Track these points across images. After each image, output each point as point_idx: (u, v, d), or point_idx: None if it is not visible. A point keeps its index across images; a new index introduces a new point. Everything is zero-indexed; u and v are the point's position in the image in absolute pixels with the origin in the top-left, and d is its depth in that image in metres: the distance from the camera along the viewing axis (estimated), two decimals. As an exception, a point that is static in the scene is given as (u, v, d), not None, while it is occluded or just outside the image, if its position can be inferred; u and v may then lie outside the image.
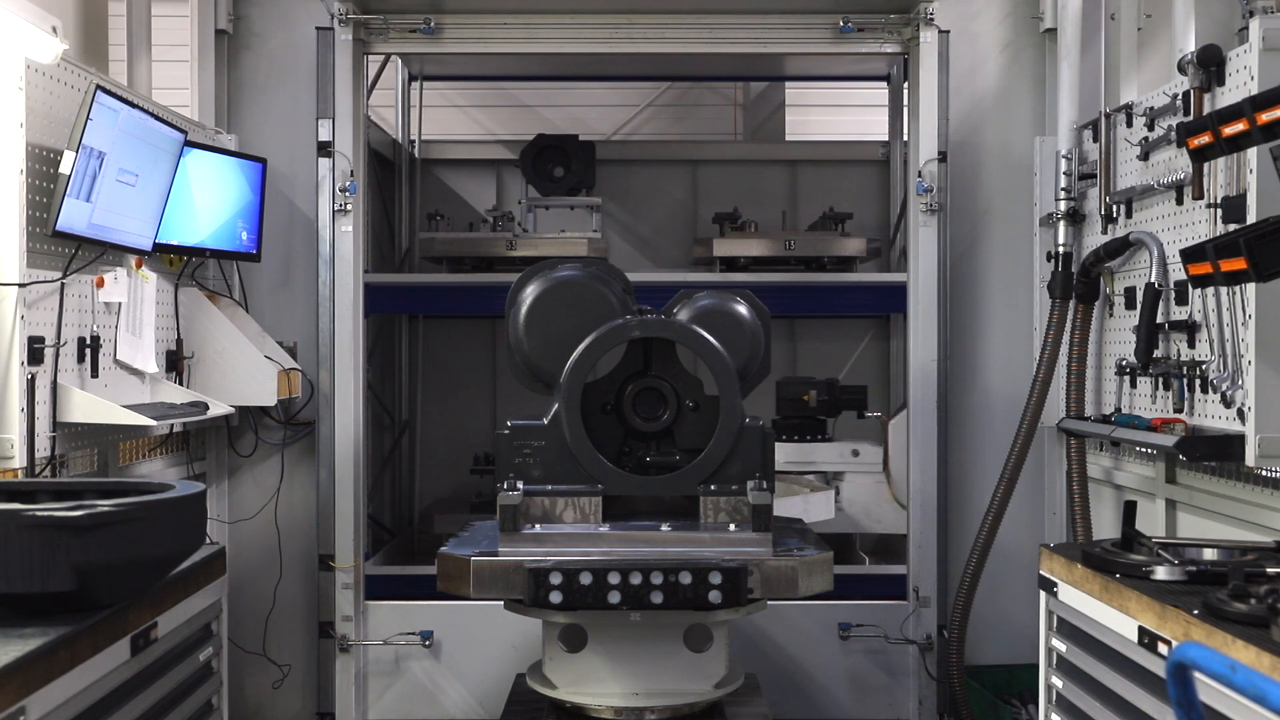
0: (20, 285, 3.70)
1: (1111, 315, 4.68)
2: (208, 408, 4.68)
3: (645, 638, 4.01)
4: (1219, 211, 3.78)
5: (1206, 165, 3.80)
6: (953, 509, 5.41)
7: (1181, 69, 3.98)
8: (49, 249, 3.89)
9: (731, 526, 3.96)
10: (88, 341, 4.11)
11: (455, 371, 7.93)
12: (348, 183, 5.26)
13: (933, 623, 5.29)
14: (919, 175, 5.26)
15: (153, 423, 4.18)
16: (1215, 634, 2.70)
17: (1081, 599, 3.47)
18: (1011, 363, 5.46)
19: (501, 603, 4.02)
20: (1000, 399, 5.44)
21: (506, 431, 4.02)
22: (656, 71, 8.13)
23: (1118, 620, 3.22)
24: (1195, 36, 4.26)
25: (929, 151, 5.26)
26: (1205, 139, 3.28)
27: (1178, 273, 3.96)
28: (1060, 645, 3.65)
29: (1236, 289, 3.63)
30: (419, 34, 5.27)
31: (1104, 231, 4.67)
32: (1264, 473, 3.75)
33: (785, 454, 5.93)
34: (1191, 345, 4.00)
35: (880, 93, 8.04)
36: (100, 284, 4.18)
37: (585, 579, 3.67)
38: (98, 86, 3.87)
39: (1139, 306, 4.27)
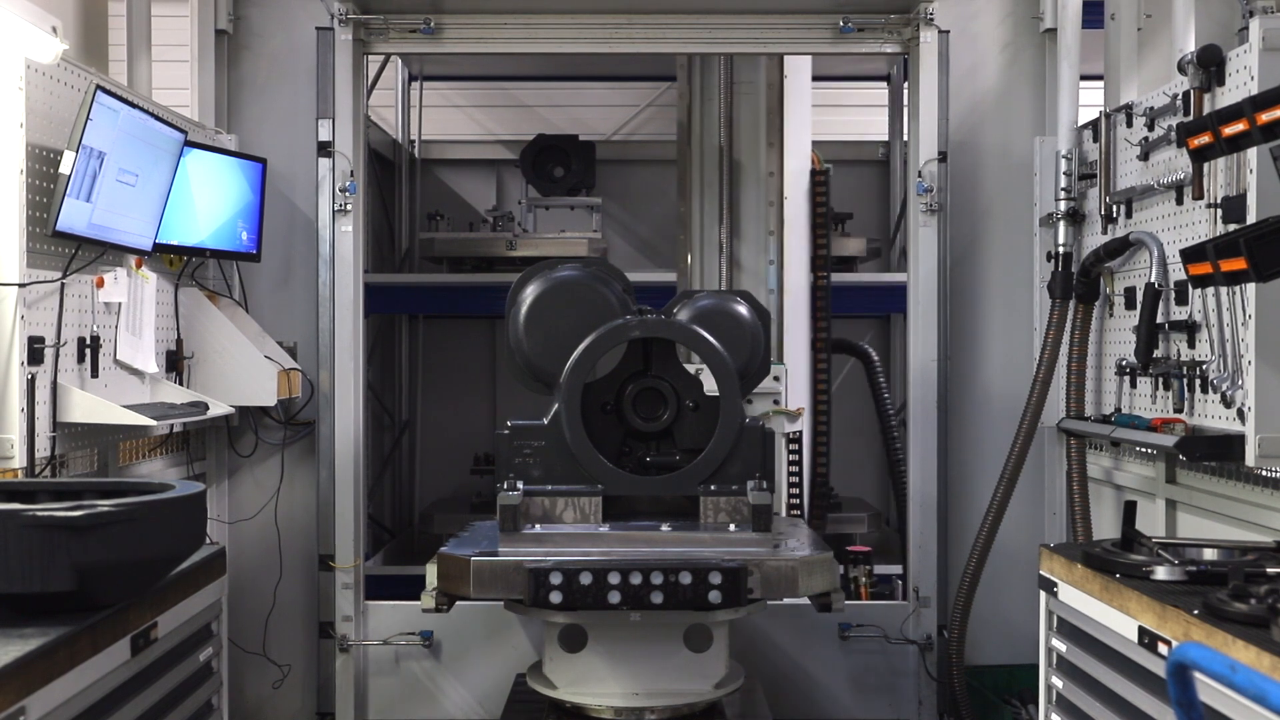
0: (20, 285, 3.69)
1: (1111, 315, 4.68)
2: (208, 408, 4.68)
3: (645, 638, 4.02)
4: (1219, 211, 3.78)
5: (1206, 165, 3.80)
6: (953, 509, 5.41)
7: (1181, 69, 3.98)
8: (49, 249, 3.89)
9: (731, 526, 3.96)
10: (88, 341, 4.11)
11: (455, 371, 7.94)
12: (348, 183, 5.26)
13: (933, 623, 5.29)
14: (919, 175, 5.26)
15: (153, 423, 4.19)
16: (1215, 634, 2.70)
17: (1081, 599, 3.47)
18: (1011, 363, 5.46)
19: (501, 603, 4.02)
20: (1000, 399, 5.44)
21: (506, 431, 4.03)
22: (656, 72, 8.15)
23: (1118, 620, 3.22)
24: (1195, 36, 4.26)
25: (929, 151, 5.26)
26: (1205, 139, 3.28)
27: (1178, 273, 3.96)
28: (1060, 645, 3.65)
29: (1236, 289, 3.63)
30: (419, 34, 5.27)
31: (1104, 231, 4.67)
32: (1264, 473, 3.74)
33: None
34: (1191, 345, 4.00)
35: (880, 93, 8.06)
36: (100, 284, 4.18)
37: (585, 579, 3.67)
38: (98, 86, 3.87)
39: (1139, 306, 4.27)
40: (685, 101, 5.81)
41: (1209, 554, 3.45)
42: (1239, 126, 3.13)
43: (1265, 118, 3.04)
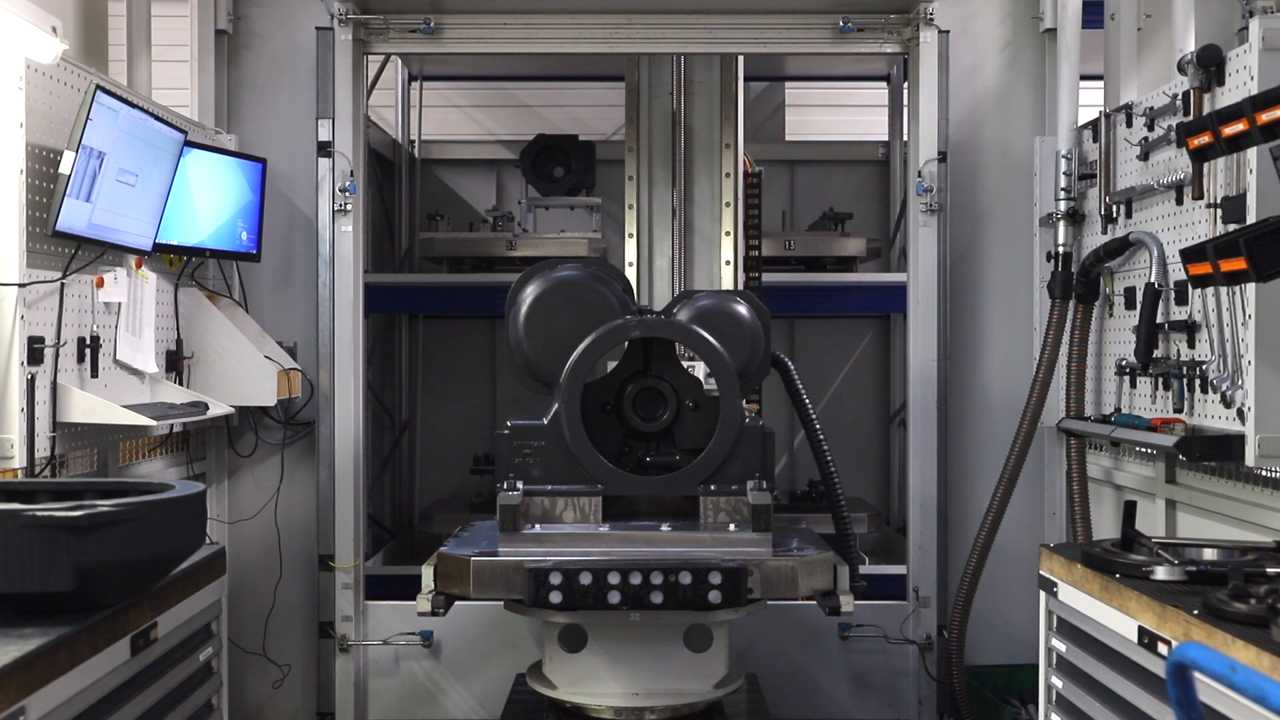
0: (20, 285, 3.69)
1: (1111, 315, 4.68)
2: (208, 408, 4.68)
3: (645, 638, 4.02)
4: (1219, 211, 3.78)
5: (1206, 165, 3.80)
6: (953, 509, 5.41)
7: (1181, 69, 3.98)
8: (49, 249, 3.89)
9: (731, 526, 3.96)
10: (88, 341, 4.11)
11: (455, 371, 7.93)
12: (348, 183, 5.26)
13: (933, 623, 5.29)
14: (919, 175, 5.26)
15: (153, 423, 4.18)
16: (1215, 634, 2.70)
17: (1081, 599, 3.47)
18: (1011, 363, 5.46)
19: (501, 603, 4.02)
20: (1000, 399, 5.44)
21: (506, 431, 4.03)
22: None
23: (1118, 620, 3.22)
24: (1195, 36, 4.26)
25: (929, 151, 5.26)
26: (1205, 139, 3.28)
27: (1178, 273, 3.96)
28: (1060, 645, 3.65)
29: (1236, 289, 3.63)
30: (419, 34, 5.27)
31: (1104, 231, 4.67)
32: (1264, 473, 3.74)
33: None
34: (1191, 345, 4.00)
35: (880, 93, 8.05)
36: (100, 284, 4.18)
37: (585, 579, 3.67)
38: (98, 86, 3.87)
39: (1139, 306, 4.27)
40: (634, 99, 5.82)
41: (1209, 554, 3.45)
42: (1239, 126, 3.13)
43: (1265, 118, 3.04)
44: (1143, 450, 4.52)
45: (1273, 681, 1.58)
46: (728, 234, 5.70)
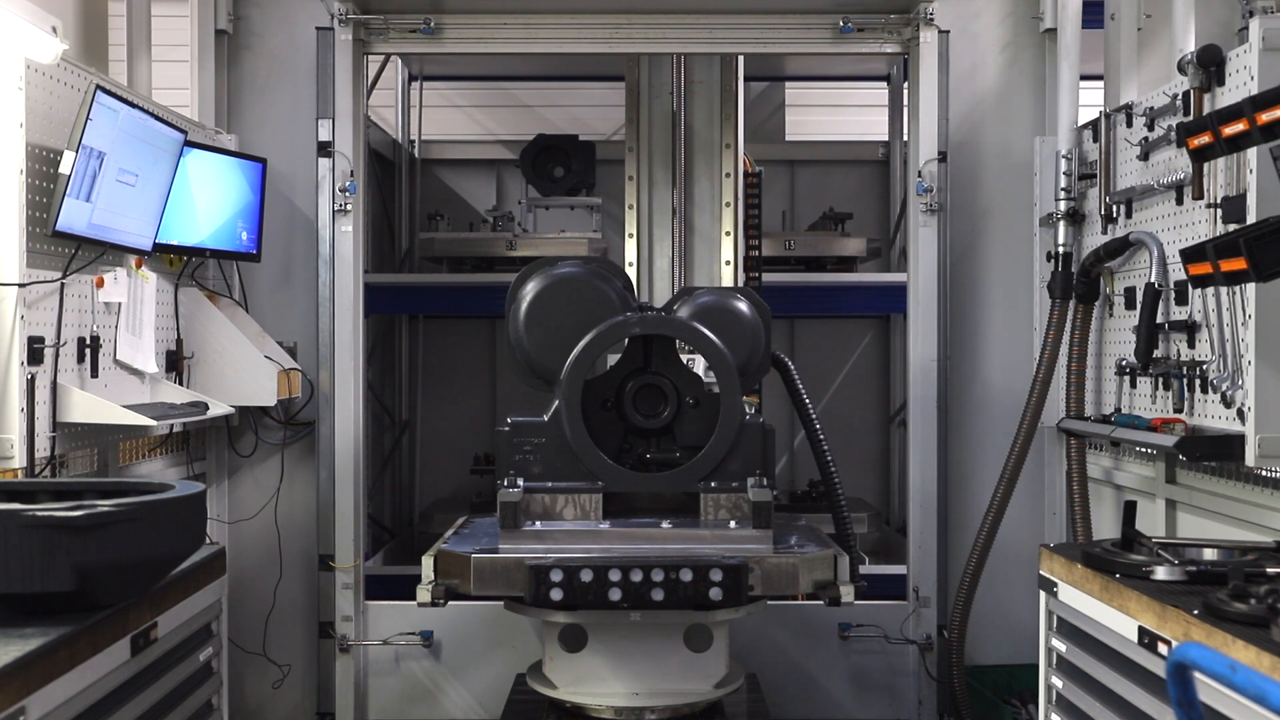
0: (20, 285, 3.69)
1: (1111, 315, 4.68)
2: (208, 408, 4.68)
3: (645, 637, 4.02)
4: (1219, 211, 3.78)
5: (1206, 165, 3.80)
6: (953, 509, 5.41)
7: (1181, 69, 3.98)
8: (49, 249, 3.89)
9: (732, 524, 3.96)
10: (88, 341, 4.11)
11: (455, 371, 7.94)
12: (348, 183, 5.26)
13: (933, 623, 5.29)
14: (919, 175, 5.26)
15: (153, 423, 4.18)
16: (1215, 634, 2.70)
17: (1081, 599, 3.47)
18: (1011, 363, 5.46)
19: (501, 602, 4.02)
20: (1000, 399, 5.44)
21: (507, 428, 4.03)
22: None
23: (1118, 620, 3.22)
24: (1195, 36, 4.26)
25: (929, 151, 5.26)
26: (1205, 139, 3.28)
27: (1178, 273, 3.96)
28: (1060, 645, 3.65)
29: (1236, 289, 3.63)
30: (419, 34, 5.27)
31: (1104, 231, 4.67)
32: (1264, 473, 3.74)
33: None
34: (1191, 345, 4.00)
35: (880, 93, 8.06)
36: (100, 284, 4.18)
37: (586, 576, 3.67)
38: (98, 86, 3.87)
39: (1139, 306, 4.27)
40: (634, 99, 5.83)
41: (1209, 554, 3.45)
42: (1239, 126, 3.13)
43: (1265, 118, 3.04)
44: (1143, 450, 4.51)
45: (1273, 681, 1.58)
46: (728, 234, 5.71)
